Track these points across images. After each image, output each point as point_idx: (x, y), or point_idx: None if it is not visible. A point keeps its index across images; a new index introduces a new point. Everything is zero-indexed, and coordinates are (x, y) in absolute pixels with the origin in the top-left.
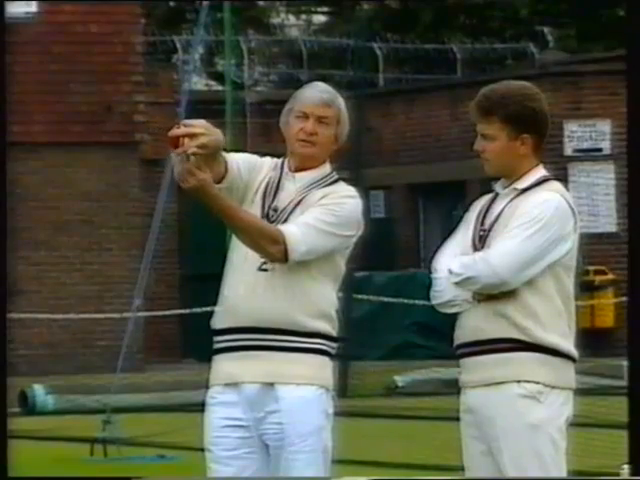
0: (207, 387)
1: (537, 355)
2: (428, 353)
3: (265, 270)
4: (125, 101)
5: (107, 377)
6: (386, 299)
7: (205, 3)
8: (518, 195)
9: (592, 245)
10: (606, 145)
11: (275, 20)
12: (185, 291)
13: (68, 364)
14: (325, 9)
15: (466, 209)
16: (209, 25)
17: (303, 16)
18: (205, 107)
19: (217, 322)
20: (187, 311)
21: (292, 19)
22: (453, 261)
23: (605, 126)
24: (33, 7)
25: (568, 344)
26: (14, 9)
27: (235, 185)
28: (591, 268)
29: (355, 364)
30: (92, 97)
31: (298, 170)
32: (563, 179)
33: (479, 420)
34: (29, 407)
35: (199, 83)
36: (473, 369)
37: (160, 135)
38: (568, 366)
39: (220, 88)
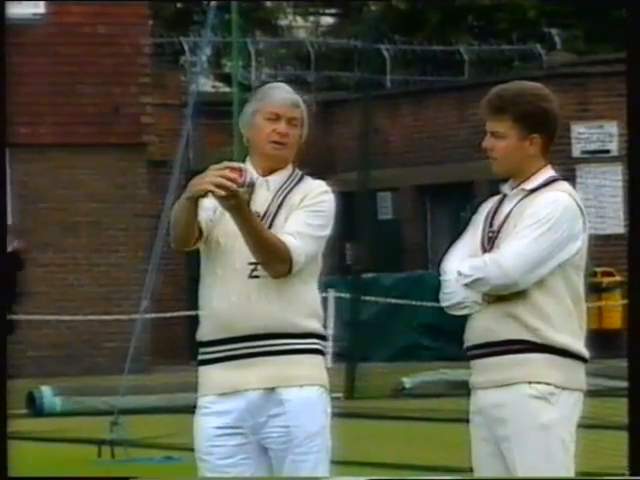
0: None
1: (548, 356)
2: (435, 354)
3: (257, 277)
4: (132, 103)
5: (114, 379)
6: (393, 300)
7: (212, 4)
8: (526, 195)
9: (599, 247)
10: (613, 147)
11: (282, 22)
12: (193, 293)
13: (76, 366)
14: (332, 10)
15: (474, 211)
16: (216, 26)
17: (311, 18)
18: (212, 109)
19: (207, 334)
20: (194, 313)
21: (299, 21)
22: (462, 263)
23: (612, 128)
24: (40, 8)
25: (579, 344)
26: (21, 10)
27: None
28: (599, 270)
29: (362, 365)
30: (99, 99)
31: (267, 173)
32: (571, 181)
33: (489, 421)
34: (37, 409)
35: (206, 85)
36: (484, 370)
37: (167, 137)
38: (579, 367)
39: (227, 90)
